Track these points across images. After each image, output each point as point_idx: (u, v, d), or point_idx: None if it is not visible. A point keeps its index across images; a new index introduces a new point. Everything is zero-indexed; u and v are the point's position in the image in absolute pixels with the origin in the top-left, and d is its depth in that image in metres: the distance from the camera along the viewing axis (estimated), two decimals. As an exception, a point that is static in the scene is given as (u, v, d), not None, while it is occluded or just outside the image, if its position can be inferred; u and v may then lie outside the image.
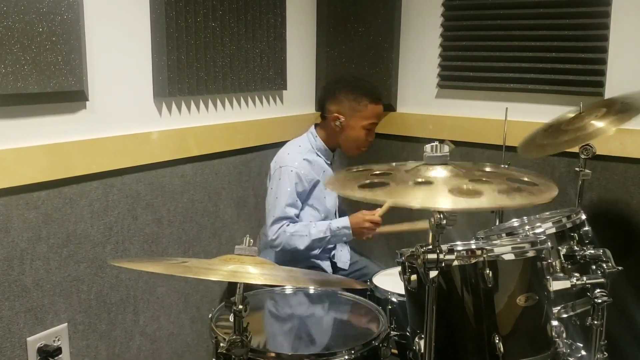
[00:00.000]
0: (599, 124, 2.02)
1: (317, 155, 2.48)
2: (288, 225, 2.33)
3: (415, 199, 1.36)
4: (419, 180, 1.41)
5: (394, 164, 1.61)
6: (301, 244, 2.32)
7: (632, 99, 2.08)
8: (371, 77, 3.00)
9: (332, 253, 2.56)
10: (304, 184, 2.37)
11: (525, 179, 1.51)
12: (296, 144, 2.49)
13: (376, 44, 2.98)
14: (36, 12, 1.78)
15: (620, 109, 2.06)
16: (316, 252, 2.47)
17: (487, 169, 1.62)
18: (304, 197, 2.41)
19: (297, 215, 2.39)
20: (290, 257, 2.39)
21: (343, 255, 2.60)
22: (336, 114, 2.44)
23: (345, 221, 2.36)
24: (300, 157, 2.40)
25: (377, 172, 1.51)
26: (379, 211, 2.35)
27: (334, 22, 3.02)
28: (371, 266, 2.61)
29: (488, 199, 1.35)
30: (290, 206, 2.34)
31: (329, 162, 2.53)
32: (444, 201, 1.33)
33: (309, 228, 2.34)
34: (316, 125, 2.55)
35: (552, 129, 2.18)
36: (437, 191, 1.38)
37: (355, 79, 2.57)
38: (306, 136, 2.52)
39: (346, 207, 2.67)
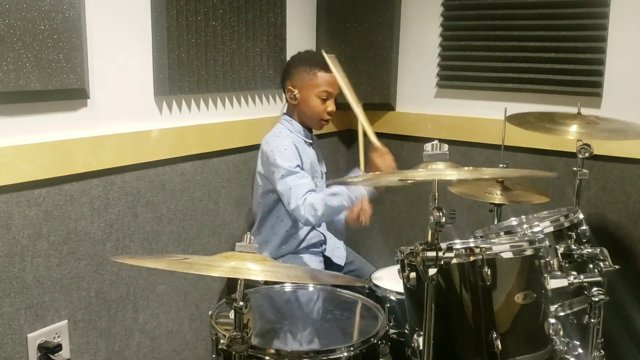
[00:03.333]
0: (578, 129, 2.09)
1: (297, 136, 2.48)
2: (309, 194, 2.27)
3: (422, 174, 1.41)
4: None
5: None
6: (320, 208, 2.23)
7: (628, 126, 2.12)
8: (370, 77, 3.02)
9: (323, 247, 2.56)
10: (300, 159, 2.38)
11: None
12: (274, 135, 2.46)
13: (376, 44, 2.99)
14: (38, 10, 1.79)
15: (613, 129, 2.10)
16: (309, 237, 2.47)
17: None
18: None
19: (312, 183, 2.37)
20: (274, 248, 2.43)
21: (339, 252, 2.60)
22: (290, 87, 2.47)
23: (360, 191, 2.29)
24: (287, 140, 2.40)
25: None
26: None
27: (334, 21, 3.02)
28: (366, 267, 2.60)
29: (492, 172, 1.53)
30: (300, 176, 2.31)
31: (309, 141, 2.53)
32: (450, 174, 1.39)
33: (326, 195, 2.27)
34: (285, 113, 2.55)
35: (548, 115, 2.22)
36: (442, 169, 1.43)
37: (307, 52, 2.59)
38: (280, 125, 2.51)
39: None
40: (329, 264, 2.56)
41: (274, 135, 2.45)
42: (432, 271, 1.36)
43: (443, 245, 1.38)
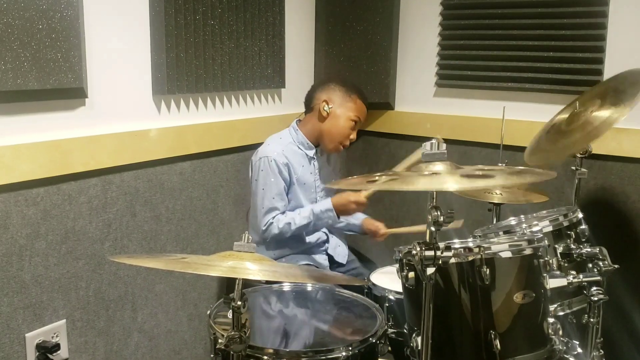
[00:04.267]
0: (602, 114, 1.95)
1: (298, 147, 2.47)
2: (276, 216, 2.34)
3: (426, 184, 1.39)
4: (426, 172, 1.43)
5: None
6: (287, 232, 2.33)
7: (622, 84, 2.05)
8: (369, 76, 3.01)
9: (326, 246, 2.57)
10: (284, 174, 2.38)
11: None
12: (277, 136, 2.49)
13: (375, 43, 2.98)
14: (36, 10, 1.79)
15: (614, 96, 2.04)
16: (311, 238, 2.48)
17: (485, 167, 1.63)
18: (288, 184, 2.41)
19: (286, 205, 2.40)
20: (279, 249, 2.44)
21: (342, 250, 2.61)
22: (325, 99, 2.46)
23: (327, 203, 2.36)
24: (280, 148, 2.40)
25: (381, 174, 1.52)
26: (364, 193, 2.35)
27: (333, 20, 3.02)
28: (367, 265, 2.62)
29: (499, 179, 1.46)
30: (277, 196, 2.35)
31: (311, 156, 2.50)
32: (456, 182, 1.38)
33: (294, 216, 2.35)
34: (298, 121, 2.55)
35: (553, 130, 2.16)
36: (446, 177, 1.40)
37: (344, 79, 2.61)
38: (287, 130, 2.52)
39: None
40: (331, 262, 2.57)
41: (269, 141, 2.46)
42: (430, 270, 1.35)
43: (441, 244, 1.38)
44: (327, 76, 2.58)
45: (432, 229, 1.36)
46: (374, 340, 1.63)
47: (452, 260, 1.44)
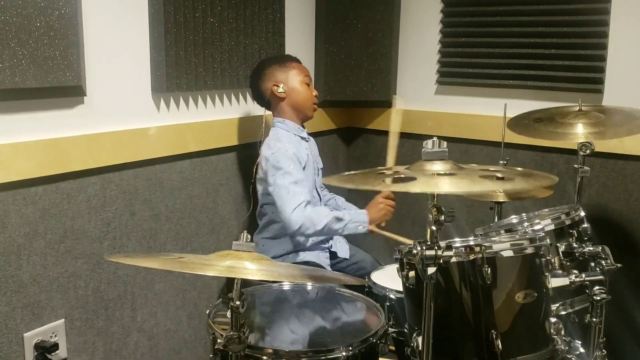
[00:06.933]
0: (584, 129, 2.08)
1: (294, 135, 2.47)
2: (306, 206, 2.28)
3: (453, 186, 1.38)
4: (441, 172, 1.42)
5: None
6: (320, 223, 2.26)
7: (632, 116, 2.09)
8: (370, 74, 3.00)
9: (330, 243, 2.56)
10: (300, 164, 2.37)
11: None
12: (274, 138, 2.44)
13: (375, 40, 2.97)
14: (34, 7, 1.77)
15: (617, 122, 2.08)
16: (316, 239, 2.48)
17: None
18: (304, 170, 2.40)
19: (310, 193, 2.38)
20: (281, 246, 2.43)
21: (343, 246, 2.62)
22: (274, 84, 2.45)
23: (360, 210, 2.39)
24: (287, 143, 2.39)
25: (396, 171, 1.50)
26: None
27: (333, 18, 3.01)
28: (369, 259, 2.62)
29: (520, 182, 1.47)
30: (300, 184, 2.31)
31: (306, 137, 2.52)
32: (484, 185, 1.37)
33: (327, 210, 2.34)
34: (275, 116, 2.51)
35: (546, 117, 2.19)
36: (466, 179, 1.38)
37: (267, 58, 2.58)
38: (275, 128, 2.48)
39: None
40: (333, 257, 2.57)
41: (274, 139, 2.43)
42: (430, 270, 1.34)
43: (442, 243, 1.37)
44: (255, 70, 2.53)
45: (433, 228, 1.34)
46: (374, 340, 1.61)
47: (453, 259, 1.43)
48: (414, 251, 1.34)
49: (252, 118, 2.67)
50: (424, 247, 1.34)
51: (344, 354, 1.54)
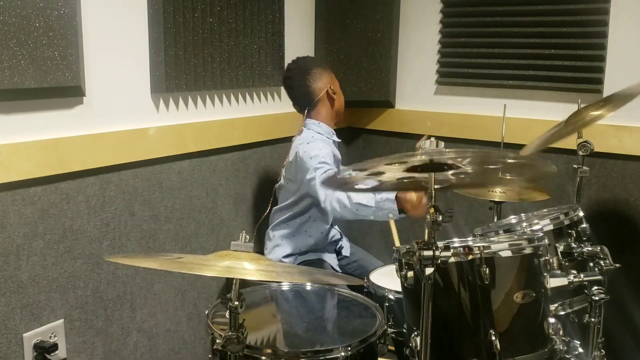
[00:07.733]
0: (595, 112, 1.99)
1: (328, 138, 2.44)
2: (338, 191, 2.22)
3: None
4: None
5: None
6: (348, 202, 2.20)
7: (628, 90, 2.06)
8: (370, 74, 3.00)
9: (340, 244, 2.59)
10: (334, 163, 2.35)
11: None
12: (308, 139, 2.38)
13: (375, 40, 2.97)
14: (33, 7, 1.77)
15: (617, 100, 2.05)
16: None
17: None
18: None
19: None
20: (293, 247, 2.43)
21: (344, 243, 2.64)
22: (328, 84, 2.43)
23: (390, 193, 2.22)
24: (321, 143, 2.35)
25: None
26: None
27: (333, 18, 3.01)
28: (368, 259, 2.63)
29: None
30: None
31: (337, 141, 2.49)
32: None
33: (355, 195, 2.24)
34: (309, 117, 2.46)
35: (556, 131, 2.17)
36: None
37: (303, 58, 2.54)
38: (309, 130, 2.43)
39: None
40: (337, 254, 2.59)
41: (308, 139, 2.37)
42: (429, 270, 1.34)
43: (440, 244, 1.37)
44: (291, 68, 2.48)
45: (431, 228, 1.34)
46: (373, 340, 1.61)
47: (452, 259, 1.43)
48: (412, 251, 1.34)
49: (252, 118, 2.68)
50: (422, 248, 1.34)
51: (342, 354, 1.54)
